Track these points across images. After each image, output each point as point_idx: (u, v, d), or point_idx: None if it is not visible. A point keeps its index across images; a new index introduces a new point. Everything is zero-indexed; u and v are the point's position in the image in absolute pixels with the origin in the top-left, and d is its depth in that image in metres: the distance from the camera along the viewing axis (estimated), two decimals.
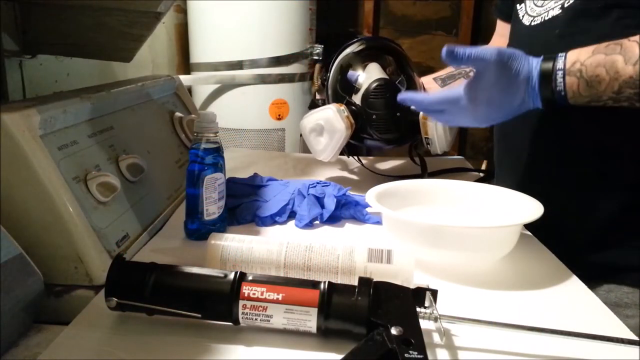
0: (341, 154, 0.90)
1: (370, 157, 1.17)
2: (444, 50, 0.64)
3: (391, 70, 0.87)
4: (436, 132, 0.84)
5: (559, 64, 0.59)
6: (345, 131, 0.83)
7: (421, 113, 0.84)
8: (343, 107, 0.84)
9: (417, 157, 0.96)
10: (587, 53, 0.58)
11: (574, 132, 0.69)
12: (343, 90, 0.90)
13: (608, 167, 0.68)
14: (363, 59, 0.90)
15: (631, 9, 0.63)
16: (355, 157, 0.99)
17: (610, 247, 0.69)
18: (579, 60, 0.58)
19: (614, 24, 0.64)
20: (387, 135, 0.87)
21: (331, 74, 0.94)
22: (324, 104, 0.97)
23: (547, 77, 0.60)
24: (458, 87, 0.65)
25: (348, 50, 0.94)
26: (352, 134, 0.85)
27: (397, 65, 0.89)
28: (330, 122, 0.83)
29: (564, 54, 0.60)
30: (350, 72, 0.88)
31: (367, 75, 0.86)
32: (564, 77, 0.58)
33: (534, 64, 0.61)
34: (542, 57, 0.61)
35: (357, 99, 0.86)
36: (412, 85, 0.89)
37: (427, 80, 1.00)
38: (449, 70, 1.01)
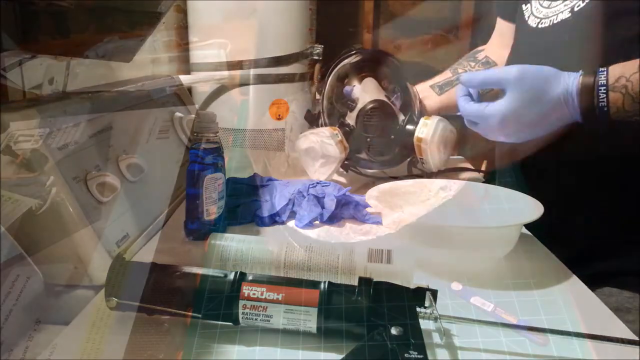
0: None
1: None
2: (461, 78, 0.65)
3: (386, 83, 0.87)
4: (430, 154, 0.83)
5: (601, 79, 0.58)
6: (339, 155, 0.83)
7: (415, 135, 0.83)
8: (337, 131, 0.84)
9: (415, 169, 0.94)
10: (632, 68, 0.57)
11: (573, 139, 0.68)
12: (337, 102, 0.90)
13: (611, 173, 0.68)
14: (359, 70, 0.89)
15: None
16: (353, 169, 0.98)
17: (612, 251, 0.69)
18: (624, 75, 0.57)
19: (627, 32, 0.63)
20: (382, 158, 0.87)
21: (327, 85, 0.94)
22: (319, 119, 0.96)
23: (587, 93, 0.58)
24: (492, 104, 0.64)
25: (345, 62, 0.93)
26: (347, 155, 0.85)
27: (393, 76, 0.89)
28: (323, 146, 0.83)
29: (604, 68, 0.58)
30: (347, 88, 0.88)
31: (363, 92, 0.86)
32: (607, 93, 0.57)
33: (571, 80, 0.59)
34: (580, 73, 0.60)
35: (351, 118, 0.86)
36: (408, 97, 0.89)
37: (423, 88, 0.99)
38: (445, 75, 0.99)
